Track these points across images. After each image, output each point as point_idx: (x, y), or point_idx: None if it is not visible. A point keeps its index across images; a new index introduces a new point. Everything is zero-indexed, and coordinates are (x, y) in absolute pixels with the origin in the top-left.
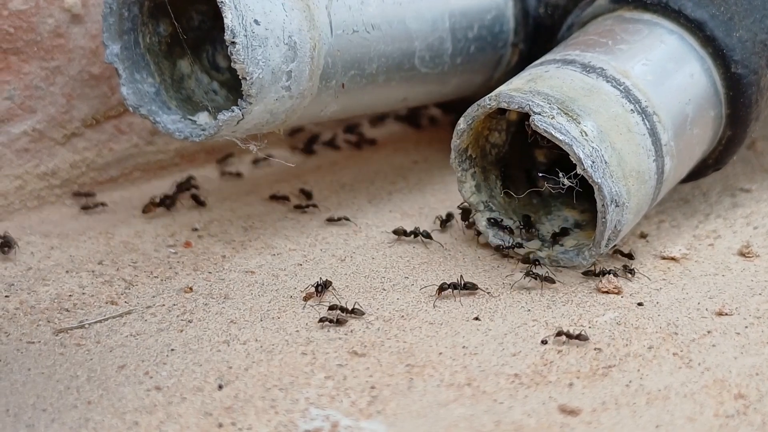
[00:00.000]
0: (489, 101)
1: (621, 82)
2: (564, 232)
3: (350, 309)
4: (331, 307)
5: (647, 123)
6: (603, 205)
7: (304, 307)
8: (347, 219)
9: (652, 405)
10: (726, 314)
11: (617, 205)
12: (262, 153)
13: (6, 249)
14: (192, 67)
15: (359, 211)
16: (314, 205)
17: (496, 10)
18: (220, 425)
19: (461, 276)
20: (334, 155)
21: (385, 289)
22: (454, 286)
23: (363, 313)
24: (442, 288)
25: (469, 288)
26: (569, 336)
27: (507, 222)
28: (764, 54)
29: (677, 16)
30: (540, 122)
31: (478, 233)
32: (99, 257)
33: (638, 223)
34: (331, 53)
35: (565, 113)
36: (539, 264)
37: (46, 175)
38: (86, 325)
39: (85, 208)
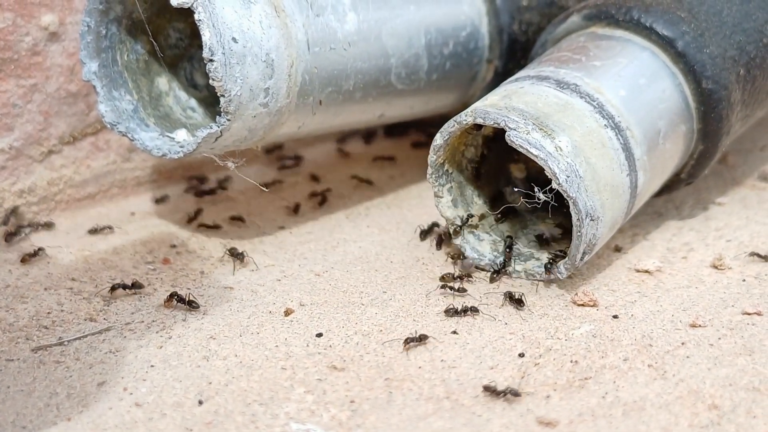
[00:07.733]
0: (465, 117)
1: (594, 98)
2: (510, 246)
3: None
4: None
5: (621, 138)
6: (578, 219)
7: (284, 322)
8: (110, 227)
9: (628, 416)
10: (699, 326)
11: (592, 219)
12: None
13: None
14: (170, 85)
15: (337, 226)
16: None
17: (471, 26)
18: None
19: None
20: (313, 170)
21: (363, 304)
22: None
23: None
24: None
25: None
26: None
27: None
28: (734, 70)
29: (649, 33)
30: (515, 138)
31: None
32: (77, 274)
33: (613, 236)
34: (309, 70)
35: (540, 129)
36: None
37: (23, 193)
38: (65, 342)
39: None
